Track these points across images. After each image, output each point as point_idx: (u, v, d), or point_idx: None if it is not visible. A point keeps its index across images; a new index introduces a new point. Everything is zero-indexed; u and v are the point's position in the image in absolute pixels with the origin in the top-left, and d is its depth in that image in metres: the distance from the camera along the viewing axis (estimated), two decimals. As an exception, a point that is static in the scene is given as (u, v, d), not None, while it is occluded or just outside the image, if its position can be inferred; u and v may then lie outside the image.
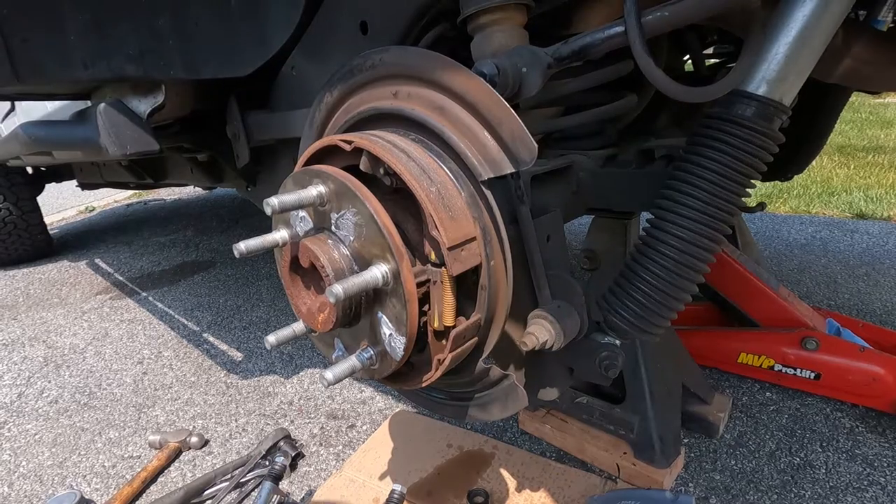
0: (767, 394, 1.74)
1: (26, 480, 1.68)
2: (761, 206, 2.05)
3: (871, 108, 7.52)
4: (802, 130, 1.80)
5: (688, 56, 1.58)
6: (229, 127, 1.51)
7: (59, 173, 4.01)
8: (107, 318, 2.88)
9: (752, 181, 0.81)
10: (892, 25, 1.16)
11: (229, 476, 1.56)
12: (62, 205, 6.15)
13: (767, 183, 3.92)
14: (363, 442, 1.66)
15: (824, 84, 1.18)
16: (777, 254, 2.92)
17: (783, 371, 1.70)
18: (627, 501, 1.28)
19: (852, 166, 4.64)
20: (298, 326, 0.86)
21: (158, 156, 2.32)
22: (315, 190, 0.76)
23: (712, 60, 1.80)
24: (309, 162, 0.86)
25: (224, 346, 2.42)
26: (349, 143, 0.77)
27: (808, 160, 1.92)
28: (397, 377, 0.88)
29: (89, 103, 1.64)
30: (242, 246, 0.72)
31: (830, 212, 3.61)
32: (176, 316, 2.82)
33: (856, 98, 7.54)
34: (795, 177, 2.13)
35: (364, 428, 1.76)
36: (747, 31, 0.77)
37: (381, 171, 0.75)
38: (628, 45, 0.75)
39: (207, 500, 1.50)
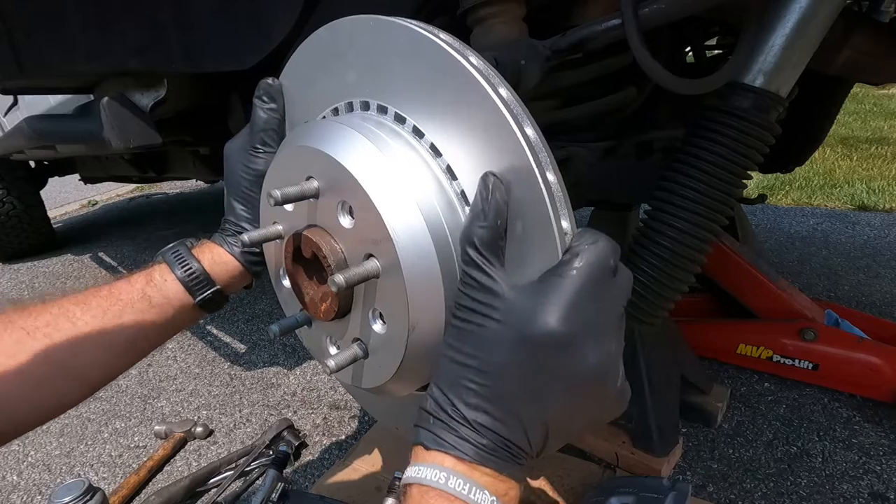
0: (766, 384, 1.75)
1: (35, 469, 1.71)
2: (762, 197, 2.05)
3: (875, 100, 7.47)
4: (804, 122, 1.79)
5: (689, 48, 1.58)
6: (231, 120, 1.52)
7: (62, 167, 4.01)
8: (111, 310, 2.90)
9: (749, 172, 0.82)
10: (894, 16, 1.16)
11: (234, 465, 1.59)
12: (65, 199, 6.16)
13: (769, 175, 3.92)
14: (366, 432, 1.68)
15: (825, 75, 1.18)
16: (778, 246, 2.92)
17: (782, 362, 1.72)
18: (626, 489, 1.29)
19: (855, 158, 4.62)
20: (301, 316, 0.87)
21: (161, 149, 2.33)
22: (317, 182, 0.77)
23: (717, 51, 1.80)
24: (310, 154, 0.87)
25: (227, 339, 2.45)
26: (350, 135, 0.78)
27: (809, 152, 1.92)
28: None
29: (92, 97, 1.65)
30: (246, 237, 0.73)
31: (832, 204, 3.61)
32: (179, 308, 2.83)
33: (860, 89, 7.49)
34: (797, 169, 2.12)
35: (366, 418, 1.78)
36: (744, 22, 0.78)
37: (382, 162, 0.76)
38: (626, 38, 0.76)
39: (212, 488, 1.53)
